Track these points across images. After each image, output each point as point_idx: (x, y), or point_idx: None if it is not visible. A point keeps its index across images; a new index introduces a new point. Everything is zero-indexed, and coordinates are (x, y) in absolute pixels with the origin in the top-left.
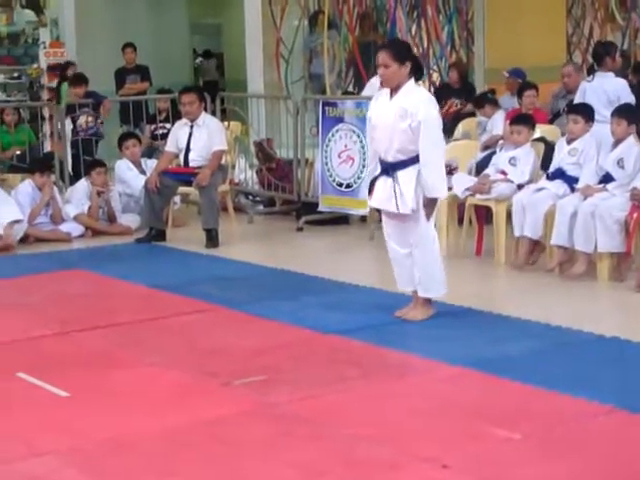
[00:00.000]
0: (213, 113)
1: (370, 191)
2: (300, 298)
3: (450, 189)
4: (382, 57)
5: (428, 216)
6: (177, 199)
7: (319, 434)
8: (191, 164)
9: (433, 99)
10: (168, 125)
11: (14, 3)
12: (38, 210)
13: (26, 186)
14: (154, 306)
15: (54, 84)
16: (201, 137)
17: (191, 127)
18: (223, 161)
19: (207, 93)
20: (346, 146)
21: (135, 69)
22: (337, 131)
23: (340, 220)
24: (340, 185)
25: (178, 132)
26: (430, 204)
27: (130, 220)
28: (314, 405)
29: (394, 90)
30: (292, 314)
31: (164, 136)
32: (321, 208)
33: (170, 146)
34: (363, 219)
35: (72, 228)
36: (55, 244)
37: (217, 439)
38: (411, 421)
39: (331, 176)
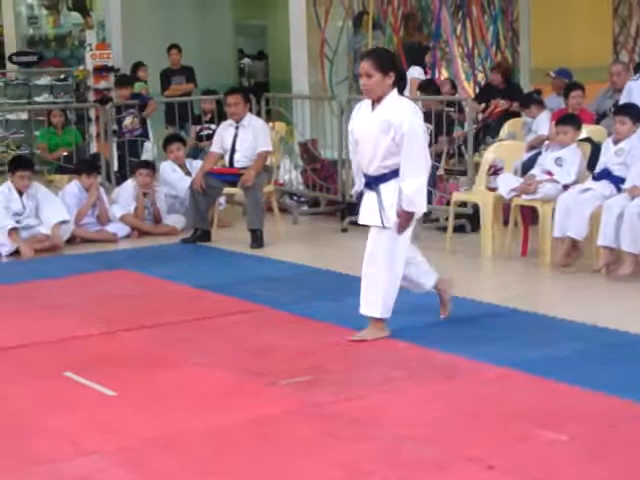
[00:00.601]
0: (258, 114)
1: (359, 206)
2: (345, 299)
3: (495, 189)
4: (365, 66)
5: (400, 229)
6: (222, 200)
7: (364, 434)
8: (236, 165)
9: (418, 110)
10: (213, 126)
11: (60, 6)
12: (85, 211)
13: (73, 187)
14: (200, 306)
15: (100, 86)
16: (246, 138)
17: (236, 128)
18: (268, 162)
19: (256, 95)
20: None
21: (180, 70)
22: None
23: None
24: None
25: (223, 133)
26: (405, 217)
27: (175, 221)
28: (359, 405)
29: (376, 101)
30: (337, 315)
31: (209, 137)
32: None
33: (215, 147)
34: None
35: (118, 229)
36: (101, 244)
37: (263, 439)
38: (457, 422)
39: None
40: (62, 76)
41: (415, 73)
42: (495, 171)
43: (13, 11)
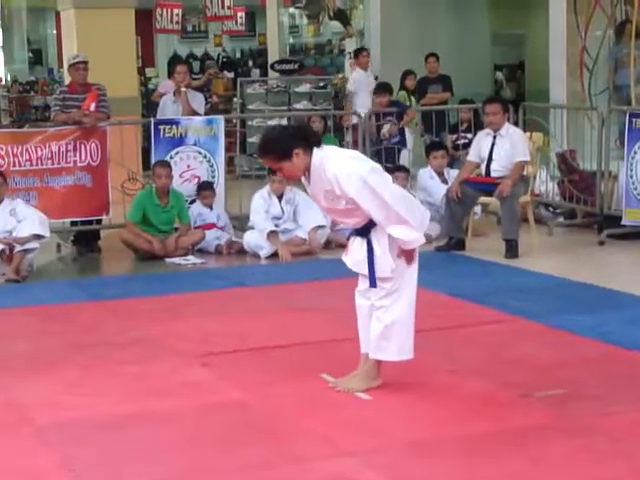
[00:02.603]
0: (516, 123)
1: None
2: (601, 312)
3: None
4: (269, 165)
5: (409, 262)
6: (478, 209)
7: (622, 452)
8: (493, 174)
9: (346, 155)
10: (469, 135)
11: (322, 15)
12: None
13: None
14: (453, 314)
15: None
16: (504, 147)
17: (494, 137)
18: (525, 172)
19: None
20: None
21: (437, 79)
22: None
23: None
24: None
25: (481, 142)
26: (407, 253)
27: (430, 228)
28: (617, 422)
29: (306, 174)
30: (593, 328)
31: (465, 146)
32: (624, 222)
33: (472, 156)
34: None
35: None
36: None
37: (515, 451)
38: None
39: (636, 189)
40: (321, 84)
41: None
42: None
43: (277, 21)
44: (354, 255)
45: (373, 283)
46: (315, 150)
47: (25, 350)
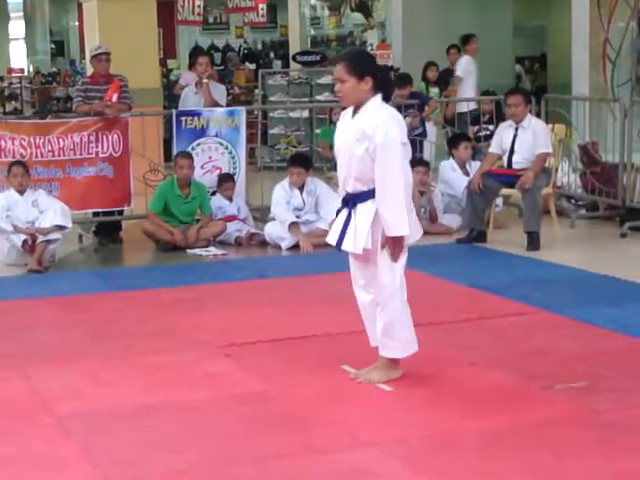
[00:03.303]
0: (538, 115)
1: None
2: (624, 305)
3: None
4: (338, 71)
5: (393, 257)
6: (499, 201)
7: None
8: (514, 166)
9: (398, 119)
10: (491, 127)
11: (344, 7)
12: None
13: None
14: (474, 306)
15: None
16: (526, 139)
17: (516, 129)
18: (547, 164)
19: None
20: None
21: None
22: None
23: None
24: None
25: (503, 134)
26: (393, 243)
27: (451, 220)
28: (638, 415)
29: (356, 109)
30: (615, 320)
31: (487, 138)
32: None
33: (494, 147)
34: None
35: None
36: None
37: (537, 442)
38: None
39: None
40: None
41: None
42: None
43: (298, 12)
44: (334, 229)
45: (339, 245)
46: (378, 97)
47: (47, 340)
